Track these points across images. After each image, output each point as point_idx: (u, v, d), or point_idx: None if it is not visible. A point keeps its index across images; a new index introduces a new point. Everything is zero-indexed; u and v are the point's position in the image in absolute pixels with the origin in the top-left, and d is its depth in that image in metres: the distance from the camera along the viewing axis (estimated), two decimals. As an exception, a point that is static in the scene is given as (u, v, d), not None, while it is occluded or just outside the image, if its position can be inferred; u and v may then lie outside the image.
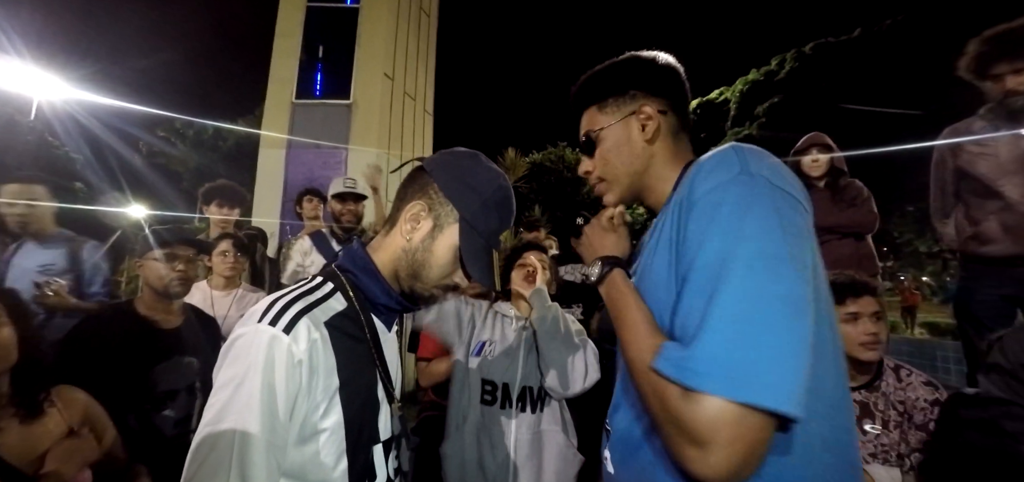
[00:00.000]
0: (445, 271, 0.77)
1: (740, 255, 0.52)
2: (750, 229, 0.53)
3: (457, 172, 0.77)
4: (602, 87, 0.78)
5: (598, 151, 0.77)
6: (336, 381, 0.66)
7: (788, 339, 0.48)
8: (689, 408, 0.49)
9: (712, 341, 0.49)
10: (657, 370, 0.53)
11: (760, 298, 0.49)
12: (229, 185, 2.73)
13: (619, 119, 0.75)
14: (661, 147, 0.75)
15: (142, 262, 1.55)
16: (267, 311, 0.64)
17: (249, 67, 17.89)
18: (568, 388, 1.44)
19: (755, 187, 0.56)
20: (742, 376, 0.47)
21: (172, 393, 1.47)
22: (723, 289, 0.50)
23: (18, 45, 4.83)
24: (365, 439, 0.70)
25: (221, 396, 0.59)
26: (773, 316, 0.49)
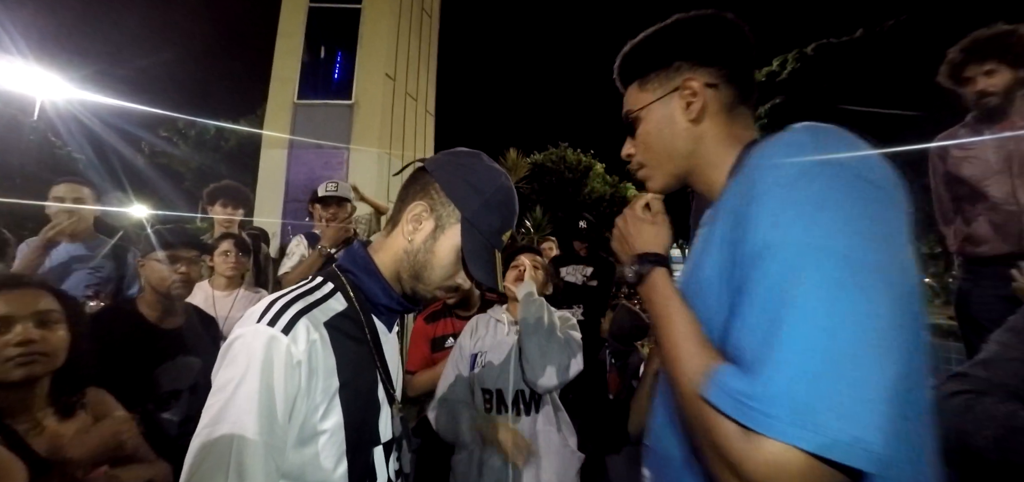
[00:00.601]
0: (447, 272, 0.76)
1: (815, 266, 0.42)
2: (828, 233, 0.43)
3: (459, 172, 0.76)
4: (643, 60, 0.69)
5: (639, 133, 0.69)
6: (336, 382, 0.66)
7: (872, 375, 0.39)
8: (747, 450, 0.41)
9: (780, 376, 0.40)
10: (710, 402, 0.44)
11: (840, 323, 0.40)
12: (234, 185, 2.74)
13: (661, 96, 0.66)
14: (710, 126, 0.64)
15: (144, 262, 1.56)
16: (266, 311, 0.64)
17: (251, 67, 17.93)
18: (546, 381, 1.44)
19: (835, 179, 0.45)
20: (814, 421, 0.38)
21: (175, 393, 1.48)
22: (793, 309, 0.41)
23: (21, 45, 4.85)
24: (365, 441, 0.70)
25: (219, 397, 0.59)
26: (855, 346, 0.39)
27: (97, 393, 1.15)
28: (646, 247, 0.67)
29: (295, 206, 5.11)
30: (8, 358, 0.96)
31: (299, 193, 5.16)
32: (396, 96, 5.75)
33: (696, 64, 0.65)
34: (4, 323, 0.98)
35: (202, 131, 17.76)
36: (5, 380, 0.97)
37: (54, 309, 1.05)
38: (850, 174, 0.46)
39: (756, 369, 0.42)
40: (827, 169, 0.46)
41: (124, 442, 1.07)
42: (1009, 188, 1.83)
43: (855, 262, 0.42)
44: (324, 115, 5.36)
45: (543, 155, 26.66)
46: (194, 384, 1.53)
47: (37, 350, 0.99)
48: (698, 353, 0.50)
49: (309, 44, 5.54)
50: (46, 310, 1.03)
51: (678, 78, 0.65)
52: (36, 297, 1.04)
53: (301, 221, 5.04)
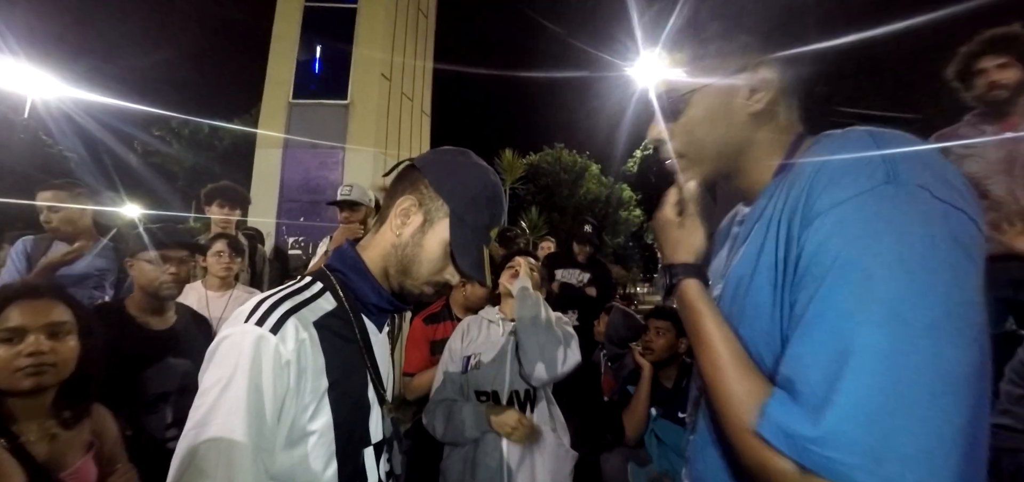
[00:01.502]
0: (435, 266, 0.76)
1: (887, 300, 0.38)
2: (904, 264, 0.39)
3: (447, 168, 0.77)
4: (703, 26, 0.56)
5: (683, 117, 0.58)
6: (325, 382, 0.65)
7: (942, 425, 0.36)
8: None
9: (846, 421, 0.37)
10: (764, 439, 0.42)
11: (914, 365, 0.37)
12: (231, 186, 2.72)
13: (720, 79, 0.55)
14: (771, 120, 0.56)
15: (133, 262, 1.54)
16: (254, 311, 0.63)
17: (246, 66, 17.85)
18: (545, 375, 1.44)
19: (909, 204, 0.41)
20: (880, 469, 0.36)
21: (164, 395, 1.45)
22: (863, 346, 0.38)
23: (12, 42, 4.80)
24: (356, 441, 0.69)
25: (207, 398, 0.58)
26: (925, 393, 0.37)
27: (98, 409, 1.14)
28: (675, 256, 0.60)
29: (290, 206, 5.09)
30: (18, 369, 0.97)
31: (294, 193, 5.14)
32: (392, 96, 5.74)
33: (767, 47, 0.54)
34: (17, 333, 0.98)
35: (196, 130, 17.64)
36: (14, 389, 0.97)
37: (67, 320, 1.05)
38: (925, 197, 0.41)
39: (819, 409, 0.39)
40: (898, 193, 0.41)
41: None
42: (1008, 188, 1.83)
43: (928, 302, 0.38)
44: (319, 115, 5.34)
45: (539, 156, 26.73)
46: (183, 386, 1.51)
47: (47, 361, 1.00)
48: (743, 379, 0.47)
49: (304, 43, 5.52)
50: (59, 321, 1.04)
51: (743, 59, 0.54)
52: (49, 307, 1.04)
53: (296, 221, 5.01)
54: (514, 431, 1.42)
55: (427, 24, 6.71)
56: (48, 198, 2.13)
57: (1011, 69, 1.81)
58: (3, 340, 0.97)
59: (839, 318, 0.40)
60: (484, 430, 1.46)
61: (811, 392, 0.40)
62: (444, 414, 1.54)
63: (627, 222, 26.53)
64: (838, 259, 0.41)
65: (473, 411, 1.48)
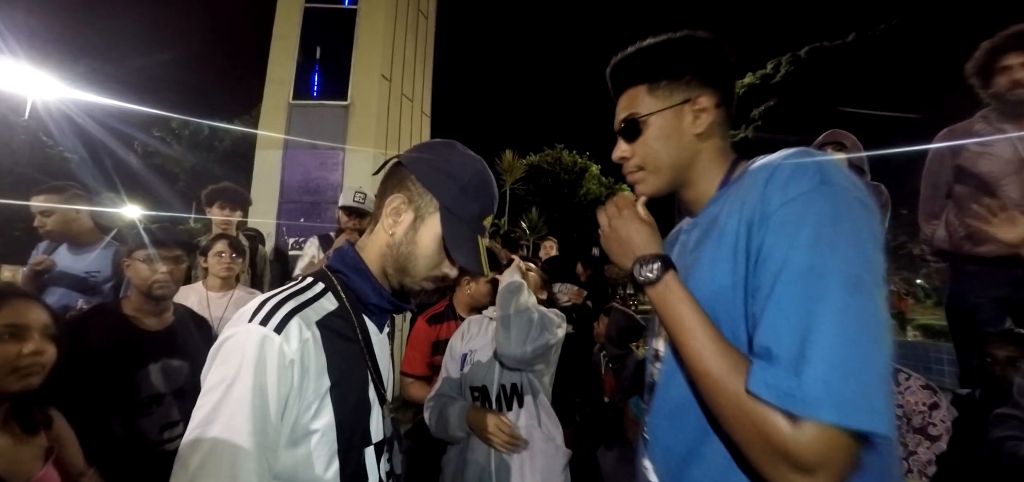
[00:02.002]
0: (431, 262, 0.76)
1: (835, 273, 0.50)
2: (842, 245, 0.51)
3: (433, 161, 0.76)
4: (656, 66, 0.71)
5: (642, 137, 0.71)
6: (327, 381, 0.66)
7: (883, 361, 0.49)
8: (796, 434, 0.48)
9: (820, 368, 0.47)
10: (757, 396, 0.50)
11: (859, 318, 0.49)
12: (232, 187, 2.73)
13: (670, 105, 0.70)
14: (711, 141, 0.71)
15: (129, 262, 1.53)
16: (258, 311, 0.63)
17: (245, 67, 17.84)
18: (514, 351, 1.44)
19: (840, 199, 0.53)
20: (855, 404, 0.47)
21: (157, 397, 1.44)
22: (823, 311, 0.49)
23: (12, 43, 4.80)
24: (357, 441, 0.70)
25: (211, 397, 0.58)
26: (873, 339, 0.49)
27: (55, 415, 1.11)
28: (649, 249, 0.69)
29: (290, 207, 5.09)
30: (16, 368, 0.96)
31: (294, 194, 5.14)
32: (392, 97, 5.74)
33: (706, 83, 0.70)
34: (22, 332, 0.98)
35: (196, 131, 17.65)
36: (7, 390, 0.96)
37: (51, 324, 1.05)
38: (850, 195, 0.54)
39: (798, 368, 0.49)
40: (832, 191, 0.54)
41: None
42: (1020, 190, 1.80)
43: (863, 271, 0.51)
44: (319, 116, 5.34)
45: (539, 156, 26.71)
46: (179, 388, 1.49)
47: (40, 362, 0.99)
48: (727, 351, 0.56)
49: (304, 44, 5.52)
50: (47, 324, 1.03)
51: (689, 92, 0.69)
52: (40, 310, 1.04)
53: (296, 221, 5.02)
54: (492, 436, 1.41)
55: (427, 25, 6.72)
56: (41, 202, 2.13)
57: None
58: (5, 337, 0.96)
59: (801, 292, 0.51)
60: (467, 430, 1.47)
61: (788, 352, 0.50)
62: (436, 411, 1.55)
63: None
64: (793, 245, 0.52)
65: (458, 410, 1.49)
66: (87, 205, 2.22)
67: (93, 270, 2.15)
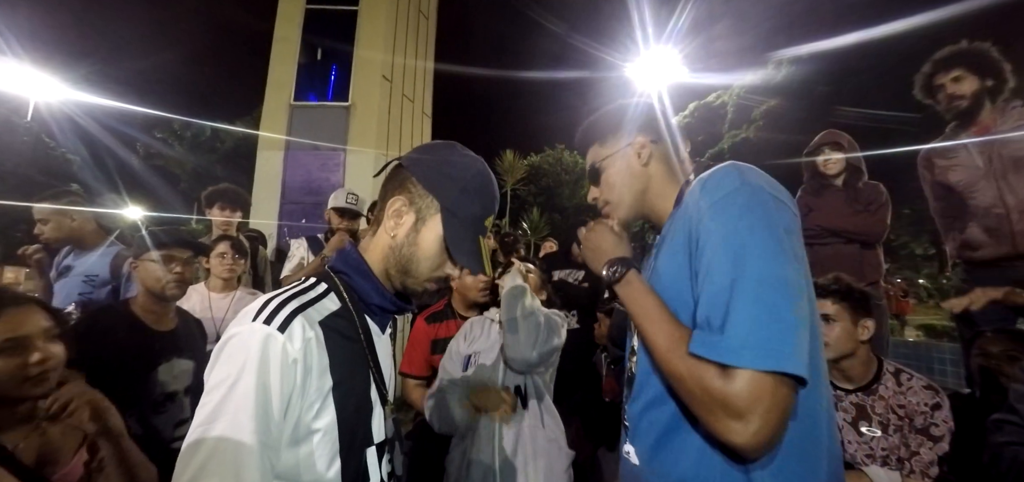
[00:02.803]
0: (433, 263, 0.76)
1: (751, 249, 0.61)
2: (756, 228, 0.62)
3: (434, 163, 0.77)
4: (601, 128, 0.92)
5: (603, 178, 0.90)
6: (329, 381, 0.66)
7: (796, 315, 0.58)
8: (728, 384, 0.57)
9: (740, 322, 0.58)
10: (695, 353, 0.61)
11: (772, 283, 0.59)
12: (231, 188, 2.72)
13: (618, 150, 0.88)
14: (657, 169, 0.87)
15: (137, 263, 1.54)
16: (261, 310, 0.64)
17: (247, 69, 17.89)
18: (523, 355, 1.45)
19: (755, 194, 0.66)
20: (769, 349, 0.56)
21: (171, 395, 1.47)
22: (741, 278, 0.60)
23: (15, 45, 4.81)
24: (359, 441, 0.70)
25: (215, 396, 0.58)
26: (783, 297, 0.59)
27: (107, 407, 1.12)
28: (617, 253, 0.84)
29: (291, 208, 5.10)
30: (28, 377, 0.96)
31: (295, 195, 5.15)
32: (393, 98, 5.75)
33: (641, 131, 0.88)
34: (23, 342, 0.98)
35: (198, 132, 17.68)
36: (27, 397, 0.97)
37: (52, 325, 1.06)
38: (763, 191, 0.66)
39: (724, 327, 0.59)
40: (749, 189, 0.66)
41: None
42: (995, 192, 1.88)
43: (774, 247, 0.62)
44: (321, 117, 5.35)
45: (540, 157, 26.72)
46: (189, 386, 1.51)
47: (50, 367, 1.00)
48: (676, 327, 0.68)
49: (306, 46, 5.53)
50: (49, 327, 1.04)
51: (628, 137, 0.88)
52: (38, 314, 1.04)
53: (297, 222, 5.02)
54: (495, 407, 1.43)
55: (428, 26, 6.73)
56: (36, 212, 2.13)
57: (965, 81, 1.94)
58: (7, 349, 0.96)
59: (726, 266, 0.62)
60: (468, 414, 1.48)
61: (717, 316, 0.61)
62: (437, 408, 1.55)
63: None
64: (718, 233, 0.64)
65: (458, 399, 1.50)
66: (85, 207, 2.22)
67: (92, 273, 2.15)
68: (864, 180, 2.34)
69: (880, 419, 1.41)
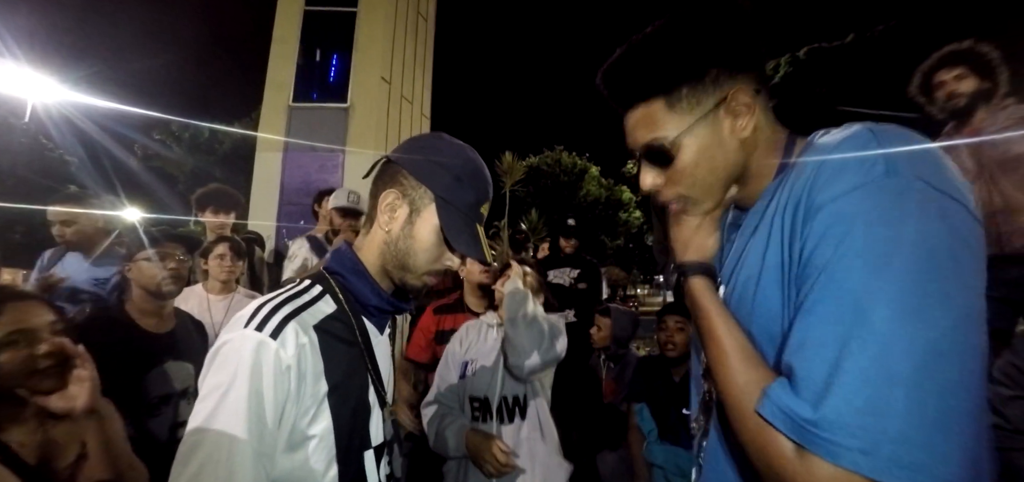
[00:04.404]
0: (431, 254, 0.75)
1: (888, 291, 0.40)
2: (901, 257, 0.40)
3: (423, 153, 0.76)
4: (669, 72, 0.56)
5: (675, 164, 0.57)
6: (325, 386, 0.65)
7: (947, 406, 0.38)
8: (805, 472, 0.41)
9: (847, 401, 0.39)
10: (766, 419, 0.44)
11: (911, 352, 0.38)
12: (222, 190, 2.69)
13: (701, 116, 0.55)
14: (760, 136, 0.57)
15: (131, 265, 1.53)
16: (253, 316, 0.63)
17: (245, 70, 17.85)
18: (527, 363, 1.42)
19: (907, 195, 0.42)
20: (883, 449, 0.37)
21: (166, 397, 1.45)
22: (860, 335, 0.40)
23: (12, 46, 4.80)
24: (356, 445, 0.69)
25: (207, 404, 0.57)
26: (928, 375, 0.38)
27: (106, 404, 1.10)
28: (685, 255, 0.61)
29: (290, 209, 5.09)
30: (37, 370, 0.95)
31: (294, 196, 5.14)
32: (392, 99, 5.75)
33: (735, 71, 0.55)
34: (31, 334, 0.97)
35: (196, 134, 17.66)
36: (37, 390, 0.95)
37: (57, 320, 1.05)
38: (923, 188, 0.42)
39: (820, 393, 0.40)
40: (897, 185, 0.42)
41: None
42: (985, 194, 1.90)
43: (925, 289, 0.40)
44: (319, 118, 5.34)
45: (539, 158, 26.70)
46: (185, 389, 1.51)
47: (60, 360, 0.98)
48: (748, 368, 0.49)
49: (304, 47, 5.53)
50: (53, 321, 1.03)
51: (719, 91, 0.55)
52: (43, 309, 1.04)
53: (296, 224, 5.01)
54: (486, 463, 1.38)
55: (427, 27, 6.73)
56: (59, 212, 2.14)
57: (966, 80, 1.95)
58: (11, 343, 0.95)
59: (840, 309, 0.41)
60: (463, 452, 1.44)
61: (812, 377, 0.41)
62: (435, 424, 1.52)
63: (627, 224, 26.51)
64: (837, 251, 0.43)
65: (457, 430, 1.46)
66: (102, 210, 2.24)
67: (102, 278, 2.16)
68: None
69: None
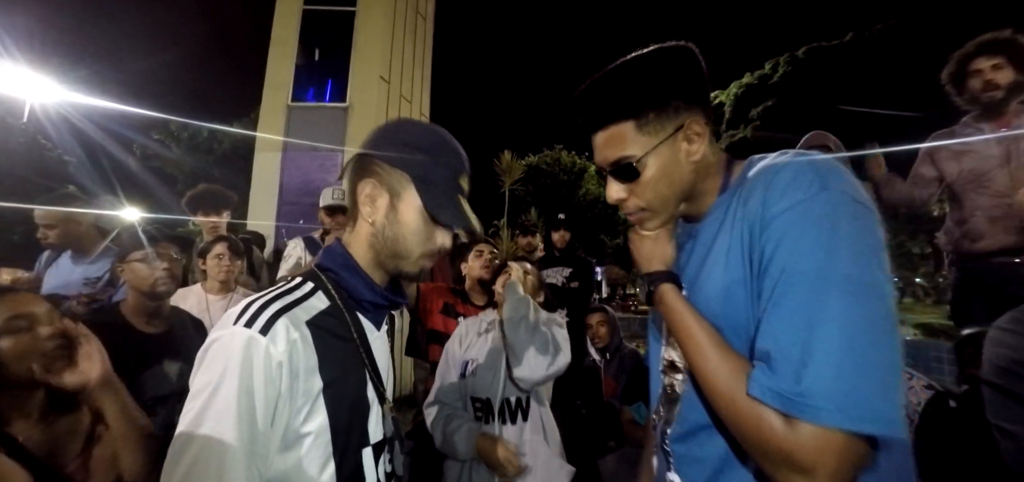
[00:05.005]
0: (420, 236, 0.74)
1: (835, 279, 0.50)
2: (841, 250, 0.51)
3: (390, 138, 0.75)
4: (639, 98, 0.65)
5: (640, 179, 0.67)
6: (319, 382, 0.64)
7: (888, 363, 0.49)
8: (792, 436, 0.49)
9: (821, 372, 0.48)
10: (757, 399, 0.51)
11: (861, 325, 0.49)
12: (210, 191, 2.65)
13: (664, 139, 0.65)
14: (706, 161, 0.68)
15: (124, 265, 1.52)
16: (243, 313, 0.62)
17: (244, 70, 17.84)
18: (531, 375, 1.40)
19: (839, 204, 0.54)
20: (853, 406, 0.47)
21: (161, 399, 1.44)
22: (823, 316, 0.50)
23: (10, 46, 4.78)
24: (354, 442, 0.68)
25: (197, 403, 0.56)
26: (874, 342, 0.49)
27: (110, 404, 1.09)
28: (651, 266, 0.72)
29: (289, 209, 5.09)
30: (43, 353, 0.94)
31: (293, 196, 5.14)
32: (391, 99, 5.74)
33: (692, 103, 0.66)
34: (32, 319, 0.96)
35: (195, 134, 17.63)
36: (44, 378, 0.94)
37: (53, 311, 1.05)
38: (849, 200, 0.54)
39: (798, 369, 0.49)
40: (831, 197, 0.54)
41: None
42: (1007, 183, 1.88)
43: (864, 275, 0.51)
44: (318, 118, 5.34)
45: (538, 157, 26.68)
46: (182, 389, 1.50)
47: (64, 342, 0.98)
48: (726, 358, 0.57)
49: (303, 47, 5.53)
50: (51, 311, 1.03)
51: (679, 118, 0.65)
52: (41, 300, 1.03)
53: (295, 223, 5.01)
54: (496, 468, 1.37)
55: (425, 27, 6.72)
56: (40, 215, 2.12)
57: (1004, 70, 1.89)
58: (14, 329, 0.93)
59: (802, 298, 0.51)
60: (474, 456, 1.42)
61: (789, 357, 0.50)
62: (442, 425, 1.51)
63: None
64: (793, 252, 0.53)
65: (466, 433, 1.45)
66: (84, 206, 2.21)
67: (93, 277, 2.14)
68: None
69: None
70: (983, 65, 1.92)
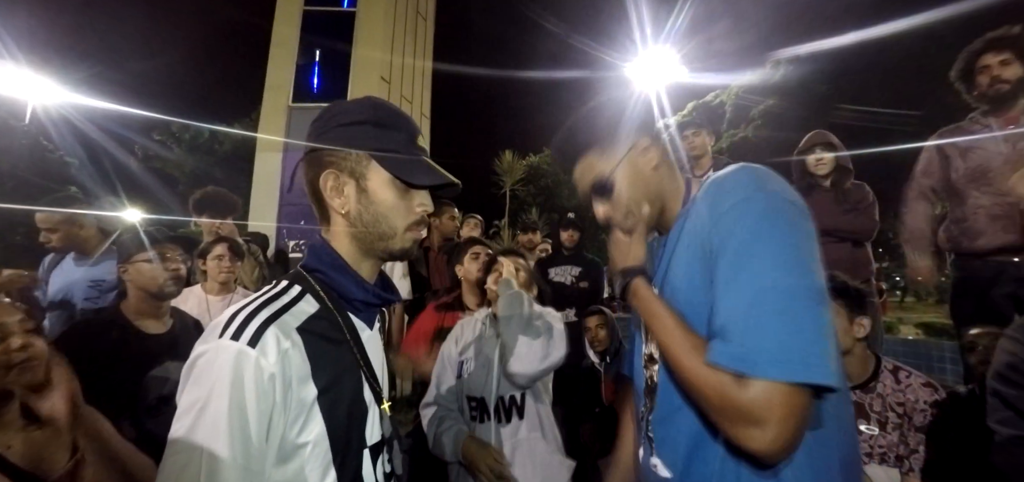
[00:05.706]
0: (399, 209, 0.72)
1: (770, 258, 0.60)
2: (775, 236, 0.62)
3: (330, 125, 0.72)
4: (597, 134, 0.84)
5: (616, 190, 0.82)
6: (313, 390, 0.62)
7: (819, 323, 0.58)
8: (744, 393, 0.57)
9: (759, 333, 0.58)
10: (713, 363, 0.60)
11: (792, 293, 0.58)
12: (217, 194, 2.65)
13: (622, 157, 0.81)
14: (665, 173, 0.83)
15: (128, 266, 1.52)
16: (229, 324, 0.58)
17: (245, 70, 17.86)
18: (524, 369, 1.38)
19: (772, 201, 0.65)
20: (788, 359, 0.56)
21: (165, 399, 1.44)
22: (762, 289, 0.59)
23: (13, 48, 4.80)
24: (353, 447, 0.66)
25: (183, 422, 0.53)
26: (805, 306, 0.58)
27: (90, 411, 1.10)
28: (626, 263, 0.82)
29: (290, 209, 5.10)
30: (12, 365, 0.94)
31: (294, 196, 5.14)
32: (391, 99, 5.74)
33: (638, 130, 0.83)
34: (2, 329, 0.96)
35: (196, 134, 17.67)
36: (10, 388, 0.94)
37: (26, 318, 1.04)
38: (780, 198, 0.65)
39: (744, 337, 0.59)
40: (766, 196, 0.65)
41: None
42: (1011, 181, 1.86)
43: (794, 255, 0.61)
44: (319, 118, 5.35)
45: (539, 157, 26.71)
46: (183, 390, 1.51)
47: (33, 355, 0.98)
48: (689, 337, 0.67)
49: (304, 47, 5.54)
50: (23, 319, 1.02)
51: (629, 141, 0.82)
52: (11, 309, 1.03)
53: (296, 224, 5.01)
54: (481, 474, 1.35)
55: (426, 27, 6.73)
56: (41, 219, 2.12)
57: (1012, 66, 1.89)
58: None
59: (745, 277, 0.61)
60: (459, 458, 1.41)
61: (736, 327, 0.60)
62: (433, 427, 1.50)
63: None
64: (736, 241, 0.63)
65: (453, 436, 1.44)
66: (83, 207, 2.22)
67: (98, 279, 2.14)
68: (851, 181, 2.36)
69: (878, 417, 1.41)
70: (992, 61, 1.92)
